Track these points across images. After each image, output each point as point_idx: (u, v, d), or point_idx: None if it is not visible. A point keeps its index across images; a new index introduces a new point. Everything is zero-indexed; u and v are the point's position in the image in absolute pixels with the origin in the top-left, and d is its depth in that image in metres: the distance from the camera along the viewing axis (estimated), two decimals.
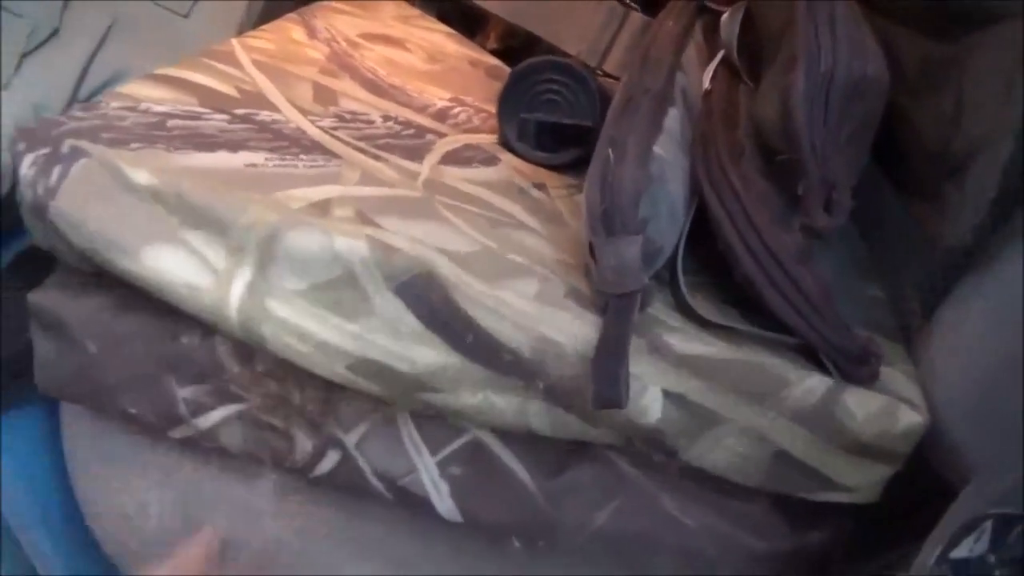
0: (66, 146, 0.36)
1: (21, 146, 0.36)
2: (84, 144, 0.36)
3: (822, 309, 0.32)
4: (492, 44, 0.72)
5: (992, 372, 0.30)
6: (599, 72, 0.61)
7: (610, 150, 0.34)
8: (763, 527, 0.36)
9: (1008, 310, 0.29)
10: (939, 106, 0.37)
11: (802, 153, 0.31)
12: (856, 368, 0.32)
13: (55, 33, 0.53)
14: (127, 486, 0.45)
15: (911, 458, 0.33)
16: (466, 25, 0.72)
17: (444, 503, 0.38)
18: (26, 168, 0.35)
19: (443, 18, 0.71)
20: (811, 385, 0.32)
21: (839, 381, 0.32)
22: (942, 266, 0.33)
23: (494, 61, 0.65)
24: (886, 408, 0.32)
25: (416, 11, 0.68)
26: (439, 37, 0.64)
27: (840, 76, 0.31)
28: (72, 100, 0.52)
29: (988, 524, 0.29)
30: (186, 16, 0.64)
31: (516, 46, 0.71)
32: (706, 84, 0.46)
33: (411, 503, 0.38)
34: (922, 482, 0.33)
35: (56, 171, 0.35)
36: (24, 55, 0.51)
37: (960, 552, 0.29)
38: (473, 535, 0.40)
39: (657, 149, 0.35)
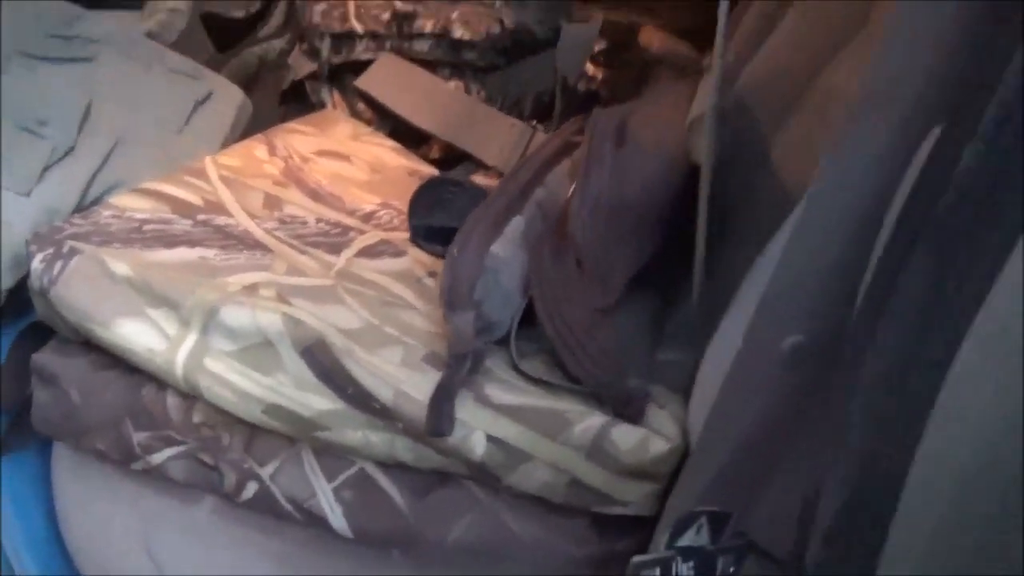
0: (66, 246, 0.49)
1: (33, 247, 0.49)
2: (80, 244, 0.49)
3: (601, 364, 0.43)
4: (435, 154, 0.87)
5: (703, 402, 0.41)
6: None
7: (455, 249, 0.46)
8: (580, 537, 0.47)
9: (715, 373, 0.40)
10: None
11: (582, 255, 0.44)
12: (624, 408, 0.43)
13: (71, 151, 0.68)
14: (99, 509, 0.56)
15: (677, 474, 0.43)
16: (414, 139, 0.86)
17: (338, 521, 0.49)
18: (36, 263, 0.48)
19: (394, 133, 0.85)
20: (589, 423, 0.43)
21: (612, 419, 0.43)
22: (697, 331, 0.45)
23: (430, 170, 0.79)
24: (642, 439, 0.43)
25: (368, 129, 0.82)
26: (383, 151, 0.78)
27: (602, 198, 0.44)
28: (79, 205, 0.66)
29: (704, 519, 0.40)
30: (179, 133, 0.79)
31: (452, 157, 0.85)
32: (569, 193, 0.58)
33: (313, 522, 0.49)
34: None
35: (58, 265, 0.48)
36: (45, 169, 0.65)
37: (686, 540, 0.40)
38: (363, 548, 0.51)
39: (494, 248, 0.47)
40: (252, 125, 0.89)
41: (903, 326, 0.28)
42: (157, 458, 0.50)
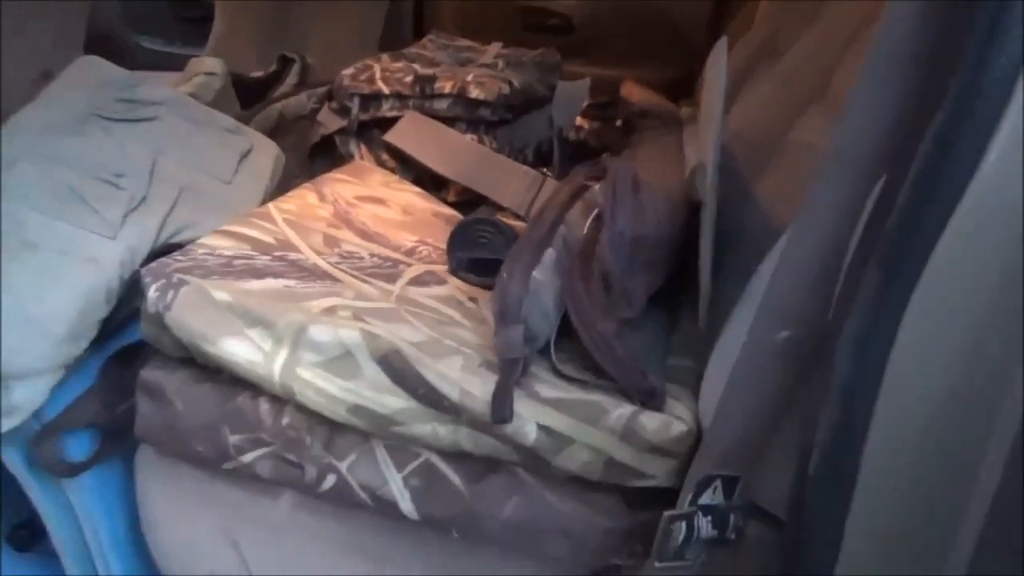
0: (175, 278, 0.59)
1: (148, 279, 0.58)
2: (186, 276, 0.59)
3: (628, 366, 0.54)
4: (452, 197, 0.97)
5: (712, 394, 0.51)
6: (526, 219, 0.86)
7: (505, 275, 0.56)
8: (612, 511, 0.56)
9: (723, 365, 0.51)
10: None
11: (611, 278, 0.54)
12: (648, 399, 0.53)
13: (144, 199, 0.77)
14: (186, 512, 0.64)
15: (692, 453, 0.53)
16: (434, 184, 0.97)
17: (407, 505, 0.58)
18: (152, 292, 0.58)
19: (417, 180, 0.96)
20: (621, 412, 0.53)
21: (638, 408, 0.54)
22: (704, 340, 0.55)
23: (451, 212, 0.89)
24: (665, 423, 0.53)
25: (395, 177, 0.93)
26: (411, 196, 0.88)
27: (626, 233, 0.55)
28: (154, 244, 0.75)
29: (719, 481, 0.50)
30: (229, 183, 0.89)
31: (469, 199, 0.96)
32: (585, 230, 0.69)
33: (384, 508, 0.58)
34: None
35: (170, 293, 0.58)
36: (125, 215, 0.74)
37: (705, 500, 0.49)
38: (427, 531, 0.59)
39: (535, 274, 0.57)
40: (285, 180, 0.99)
41: (861, 319, 0.38)
42: (248, 457, 0.59)
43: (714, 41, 1.73)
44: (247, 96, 1.25)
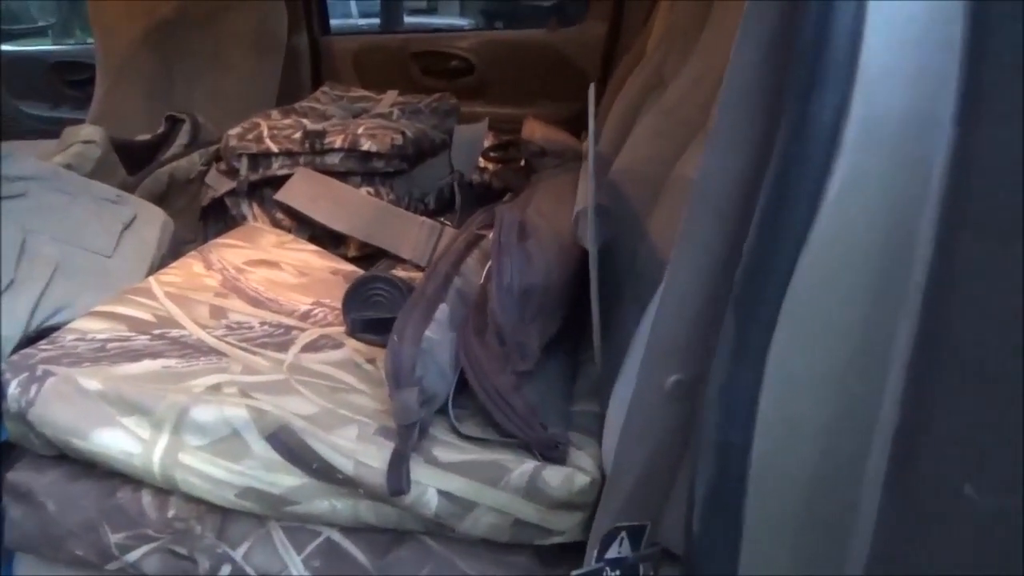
0: (39, 370, 0.54)
1: (8, 374, 0.54)
2: (52, 367, 0.55)
3: (527, 420, 0.52)
4: (353, 252, 0.95)
5: (612, 440, 0.51)
6: (425, 270, 0.84)
7: (395, 336, 0.55)
8: (525, 570, 0.54)
9: (621, 409, 0.50)
10: None
11: (501, 330, 0.53)
12: (550, 453, 0.52)
13: (12, 284, 0.72)
14: None
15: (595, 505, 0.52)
16: (332, 240, 0.95)
17: None
18: (13, 388, 0.53)
19: (314, 238, 0.94)
20: (523, 469, 0.52)
21: (541, 463, 0.52)
22: (601, 384, 0.55)
23: (350, 268, 0.87)
24: (568, 476, 0.52)
25: (290, 236, 0.90)
26: (307, 255, 0.86)
27: (513, 284, 0.54)
28: (26, 330, 0.70)
29: (624, 533, 0.49)
30: (110, 256, 0.84)
31: (370, 253, 0.94)
32: (482, 280, 0.68)
33: None
34: None
35: (33, 388, 0.53)
36: None
37: (612, 554, 0.48)
38: None
39: (428, 333, 0.56)
40: (175, 248, 0.95)
41: (723, 367, 0.38)
42: (133, 556, 0.55)
43: (609, 75, 1.78)
44: (134, 161, 1.20)
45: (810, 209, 0.31)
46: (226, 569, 0.55)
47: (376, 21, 2.91)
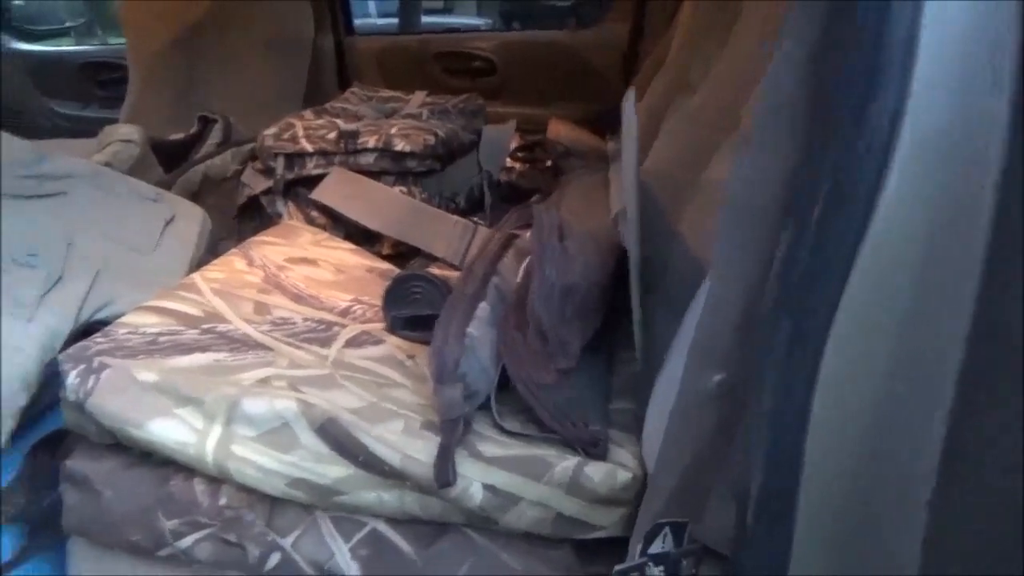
0: (96, 362, 0.56)
1: (67, 365, 0.56)
2: (107, 359, 0.56)
3: (569, 416, 0.54)
4: (386, 250, 0.97)
5: (654, 438, 0.52)
6: (459, 268, 0.86)
7: (439, 333, 0.56)
8: (566, 564, 0.56)
9: (663, 408, 0.51)
10: None
11: (544, 328, 0.55)
12: (592, 449, 0.53)
13: (61, 278, 0.74)
14: None
15: (639, 499, 0.53)
16: (367, 238, 0.97)
17: None
18: (71, 379, 0.55)
19: (349, 235, 0.95)
20: (566, 465, 0.53)
21: (583, 459, 0.54)
22: (642, 383, 0.56)
23: (386, 266, 0.89)
24: (610, 472, 0.53)
25: (326, 234, 0.92)
26: (343, 253, 0.87)
27: (555, 284, 0.55)
28: (75, 324, 0.72)
29: (667, 529, 0.50)
30: (152, 254, 0.86)
31: (404, 252, 0.96)
32: (519, 278, 0.70)
33: None
34: None
35: (91, 379, 0.55)
36: (42, 296, 0.71)
37: (655, 549, 0.50)
38: None
39: (470, 330, 0.57)
40: (213, 244, 0.97)
41: (776, 370, 0.39)
42: (186, 542, 0.56)
43: (631, 77, 1.78)
44: (168, 159, 1.23)
45: (865, 214, 0.32)
46: (275, 557, 0.56)
47: (394, 21, 2.93)
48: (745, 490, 0.42)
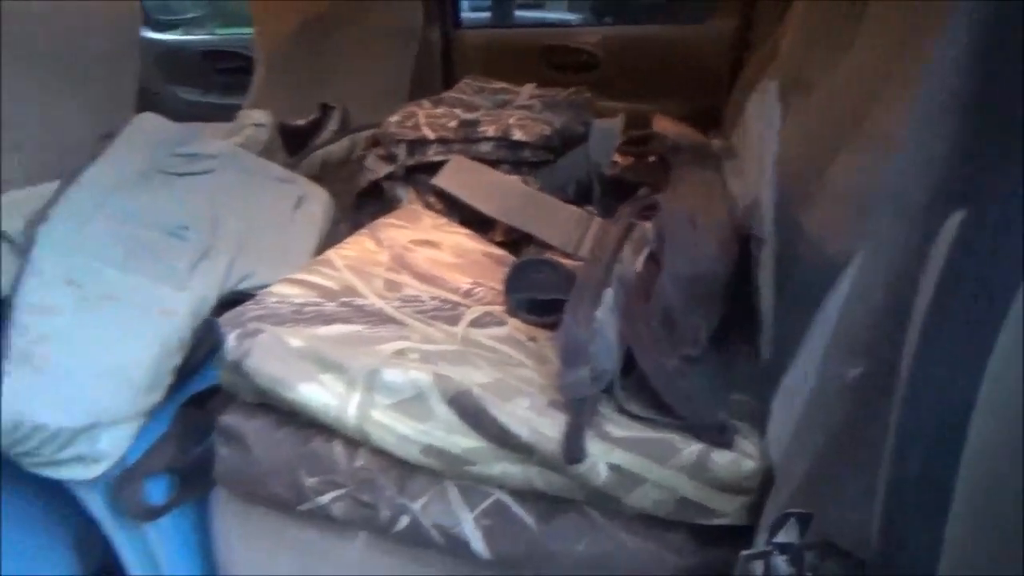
0: (251, 327, 0.61)
1: (226, 328, 0.61)
2: (261, 325, 0.61)
3: (696, 403, 0.55)
4: (499, 237, 0.99)
5: (780, 430, 0.52)
6: (574, 257, 0.88)
7: (569, 316, 0.58)
8: (682, 548, 0.57)
9: (791, 401, 0.52)
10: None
11: (673, 315, 0.56)
12: (717, 437, 0.54)
13: (208, 250, 0.80)
14: (264, 552, 0.66)
15: (762, 489, 0.54)
16: (480, 225, 0.99)
17: (479, 545, 0.59)
18: (231, 341, 0.60)
19: (464, 222, 0.99)
20: (692, 449, 0.54)
21: (708, 446, 0.55)
22: (765, 376, 0.56)
23: (500, 252, 0.91)
24: (735, 460, 0.54)
25: (444, 219, 0.95)
26: (461, 238, 0.91)
27: (685, 272, 0.56)
28: (221, 292, 0.78)
29: (793, 519, 0.50)
30: (285, 231, 0.92)
31: (516, 239, 0.98)
32: (638, 268, 0.71)
33: (457, 547, 0.59)
34: None
35: (247, 342, 0.60)
36: (193, 266, 0.77)
37: (780, 538, 0.50)
38: (497, 570, 0.60)
39: (597, 314, 0.59)
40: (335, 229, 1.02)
41: (948, 356, 0.39)
42: (324, 499, 0.61)
43: (737, 73, 1.76)
44: (289, 143, 1.29)
45: None
46: (404, 520, 0.60)
47: (486, 15, 2.96)
48: (895, 483, 0.42)
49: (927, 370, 0.38)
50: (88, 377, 0.62)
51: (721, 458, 0.54)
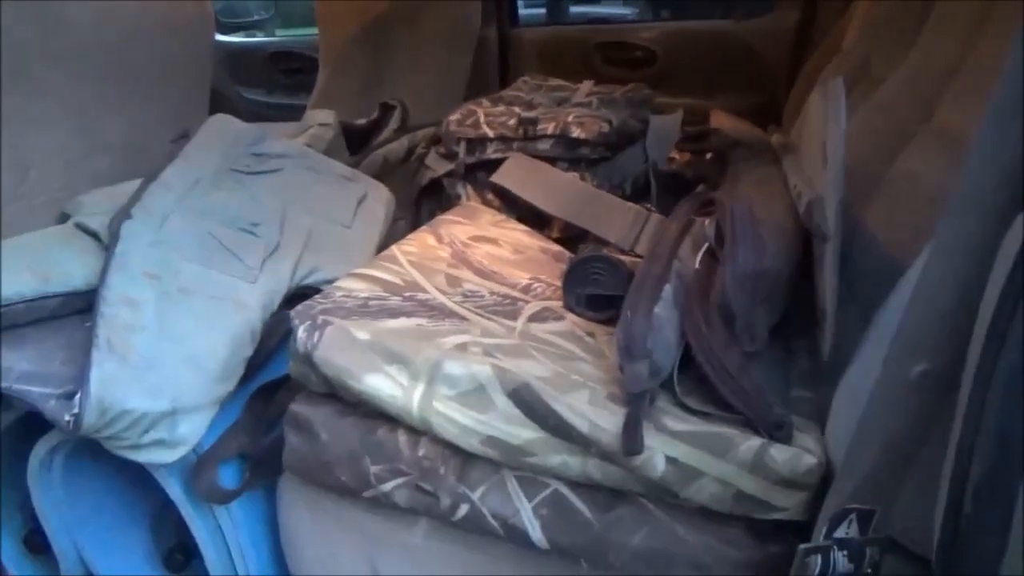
0: (320, 319, 0.63)
1: (296, 320, 0.63)
2: (329, 317, 0.64)
3: (755, 398, 0.55)
4: (556, 234, 1.00)
5: (841, 426, 0.52)
6: (631, 253, 0.88)
7: (628, 311, 0.59)
8: (740, 542, 0.57)
9: (852, 398, 0.52)
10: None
11: (734, 311, 0.56)
12: (776, 432, 0.54)
13: (278, 246, 0.83)
14: (328, 537, 0.69)
15: (821, 485, 0.54)
16: (538, 222, 1.01)
17: (536, 534, 0.60)
18: (301, 333, 0.63)
19: (521, 218, 1.00)
20: (751, 444, 0.55)
21: (767, 441, 0.55)
22: (826, 373, 0.56)
23: (558, 248, 0.93)
24: (795, 456, 0.54)
25: (503, 216, 0.97)
26: (519, 234, 0.92)
27: (749, 269, 0.56)
28: (289, 286, 0.81)
29: (854, 515, 0.50)
30: (349, 227, 0.95)
31: (573, 235, 0.99)
32: (696, 265, 0.71)
33: (515, 536, 0.61)
34: None
35: (317, 334, 0.63)
36: (264, 261, 0.80)
37: (839, 533, 0.50)
38: (555, 560, 0.62)
39: (657, 310, 0.60)
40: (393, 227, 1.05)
41: (1014, 360, 0.39)
42: (387, 486, 0.63)
43: (797, 68, 1.73)
44: (351, 143, 1.33)
45: None
46: (464, 508, 0.61)
47: (541, 11, 2.96)
48: (959, 483, 0.42)
49: (992, 371, 0.37)
50: (169, 366, 0.65)
51: (780, 453, 0.54)
